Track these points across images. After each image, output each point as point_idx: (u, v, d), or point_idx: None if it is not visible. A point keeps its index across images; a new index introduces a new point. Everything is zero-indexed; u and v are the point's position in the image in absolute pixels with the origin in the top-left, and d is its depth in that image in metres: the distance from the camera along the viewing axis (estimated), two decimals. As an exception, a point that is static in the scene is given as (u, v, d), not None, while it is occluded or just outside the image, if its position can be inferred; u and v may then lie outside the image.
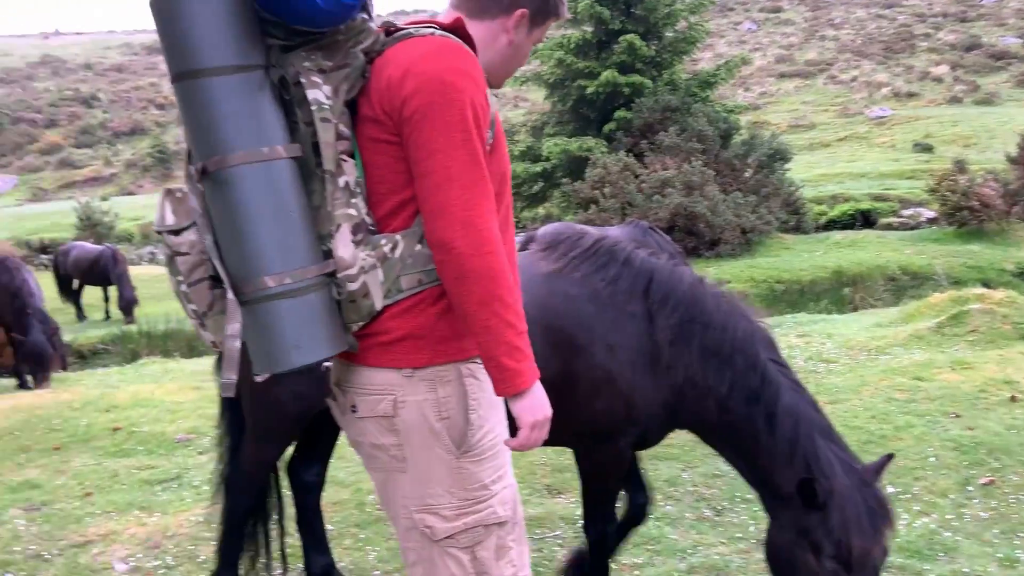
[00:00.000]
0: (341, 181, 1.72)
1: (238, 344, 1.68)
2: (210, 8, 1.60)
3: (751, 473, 2.68)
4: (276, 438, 3.02)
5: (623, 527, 3.14)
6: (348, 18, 1.69)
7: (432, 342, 1.77)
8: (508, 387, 1.71)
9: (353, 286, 1.71)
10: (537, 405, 1.75)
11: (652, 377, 2.62)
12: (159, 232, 1.79)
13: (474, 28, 1.86)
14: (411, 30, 1.79)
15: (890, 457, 2.57)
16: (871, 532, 2.38)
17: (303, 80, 1.68)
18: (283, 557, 3.29)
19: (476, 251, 1.65)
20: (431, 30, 1.78)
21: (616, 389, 2.60)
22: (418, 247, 1.74)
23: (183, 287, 1.77)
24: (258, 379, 1.76)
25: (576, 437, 2.74)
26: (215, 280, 1.73)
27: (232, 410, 3.14)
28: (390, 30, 1.81)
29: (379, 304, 1.73)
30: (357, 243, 1.72)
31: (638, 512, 3.17)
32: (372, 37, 1.76)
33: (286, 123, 1.70)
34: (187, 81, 1.63)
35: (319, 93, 1.68)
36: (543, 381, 2.53)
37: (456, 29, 1.80)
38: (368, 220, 1.75)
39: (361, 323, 1.75)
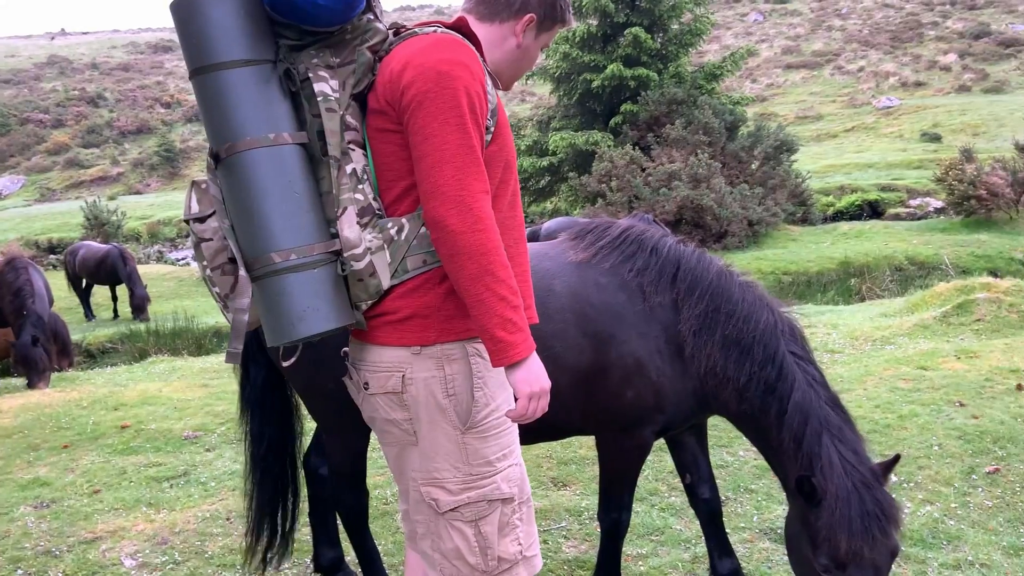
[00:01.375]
0: (348, 168, 1.84)
1: (246, 318, 1.81)
2: (222, 10, 1.75)
3: (771, 463, 2.72)
4: (343, 428, 2.84)
5: (709, 528, 3.07)
6: (349, 15, 1.80)
7: (438, 321, 1.86)
8: (502, 358, 1.77)
9: (359, 265, 1.81)
10: (533, 377, 1.80)
11: (680, 366, 2.65)
12: (186, 221, 1.91)
13: (483, 30, 2.01)
14: (416, 30, 1.92)
15: (897, 458, 2.58)
16: (862, 533, 2.37)
17: (311, 75, 1.82)
18: (286, 550, 3.28)
19: (468, 228, 1.74)
20: (434, 28, 1.91)
21: (647, 379, 2.62)
22: (422, 229, 1.84)
23: (208, 271, 1.89)
24: (285, 364, 1.89)
25: (602, 426, 2.76)
26: (234, 262, 1.84)
27: (253, 417, 3.12)
28: (399, 31, 1.94)
29: (386, 283, 1.84)
30: (364, 225, 1.83)
31: (704, 506, 3.06)
32: (379, 36, 1.89)
33: (294, 114, 1.83)
34: (202, 75, 1.78)
35: (326, 86, 1.82)
36: (577, 371, 2.58)
37: (459, 28, 1.93)
38: (376, 205, 1.87)
39: (370, 301, 1.85)
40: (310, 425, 3.29)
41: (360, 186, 1.85)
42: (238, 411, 3.19)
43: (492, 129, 1.89)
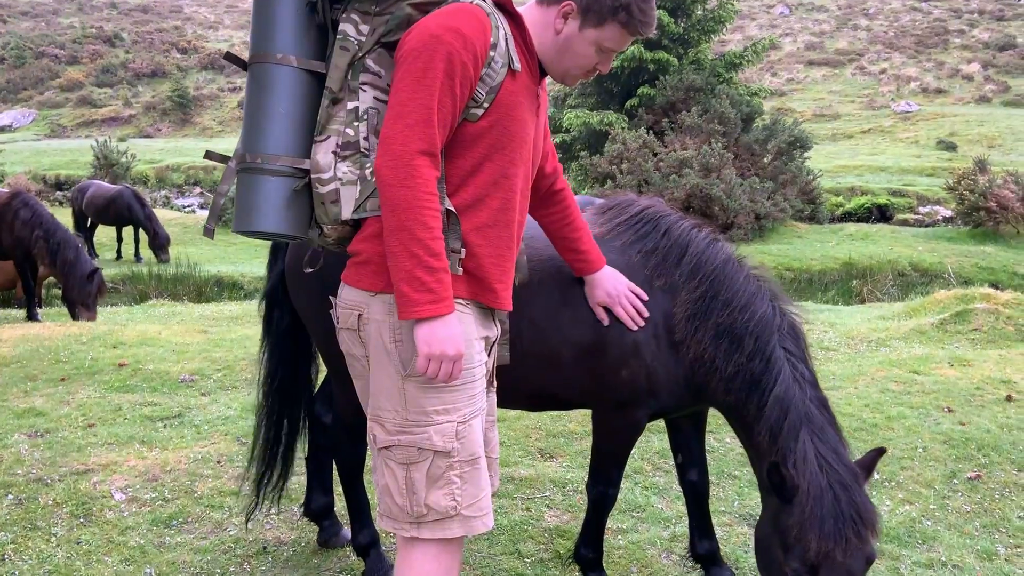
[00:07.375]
0: (350, 104, 1.98)
1: (221, 200, 2.13)
2: None
3: (751, 460, 2.69)
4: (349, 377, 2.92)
5: (693, 509, 3.11)
6: None
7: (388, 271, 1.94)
8: (403, 311, 1.87)
9: (323, 189, 1.97)
10: (434, 339, 1.87)
11: (675, 352, 2.62)
12: None
13: (534, 12, 2.08)
14: None
15: (880, 451, 2.49)
16: (835, 534, 2.26)
17: (343, 16, 1.98)
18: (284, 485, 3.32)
19: (398, 183, 1.83)
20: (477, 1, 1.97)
21: (641, 361, 2.60)
22: None
23: None
24: (307, 270, 2.15)
25: (597, 401, 2.79)
26: None
27: (271, 356, 3.17)
28: None
29: (346, 214, 1.98)
30: (343, 157, 1.96)
31: (690, 488, 3.09)
32: None
33: (319, 45, 2.02)
34: None
35: (351, 28, 1.98)
36: (579, 344, 2.61)
37: (502, 4, 2.02)
38: (364, 144, 1.96)
39: (330, 225, 2.01)
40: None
41: (356, 123, 1.96)
42: (259, 349, 3.24)
43: (486, 106, 1.94)
